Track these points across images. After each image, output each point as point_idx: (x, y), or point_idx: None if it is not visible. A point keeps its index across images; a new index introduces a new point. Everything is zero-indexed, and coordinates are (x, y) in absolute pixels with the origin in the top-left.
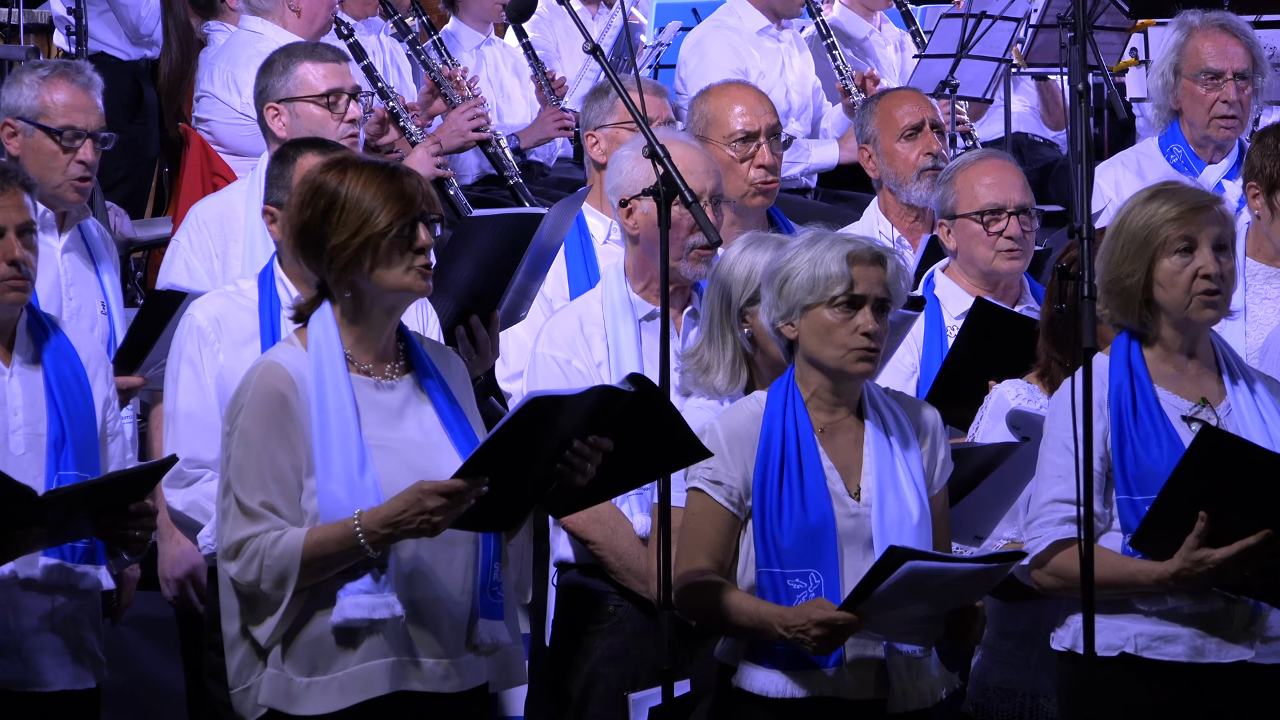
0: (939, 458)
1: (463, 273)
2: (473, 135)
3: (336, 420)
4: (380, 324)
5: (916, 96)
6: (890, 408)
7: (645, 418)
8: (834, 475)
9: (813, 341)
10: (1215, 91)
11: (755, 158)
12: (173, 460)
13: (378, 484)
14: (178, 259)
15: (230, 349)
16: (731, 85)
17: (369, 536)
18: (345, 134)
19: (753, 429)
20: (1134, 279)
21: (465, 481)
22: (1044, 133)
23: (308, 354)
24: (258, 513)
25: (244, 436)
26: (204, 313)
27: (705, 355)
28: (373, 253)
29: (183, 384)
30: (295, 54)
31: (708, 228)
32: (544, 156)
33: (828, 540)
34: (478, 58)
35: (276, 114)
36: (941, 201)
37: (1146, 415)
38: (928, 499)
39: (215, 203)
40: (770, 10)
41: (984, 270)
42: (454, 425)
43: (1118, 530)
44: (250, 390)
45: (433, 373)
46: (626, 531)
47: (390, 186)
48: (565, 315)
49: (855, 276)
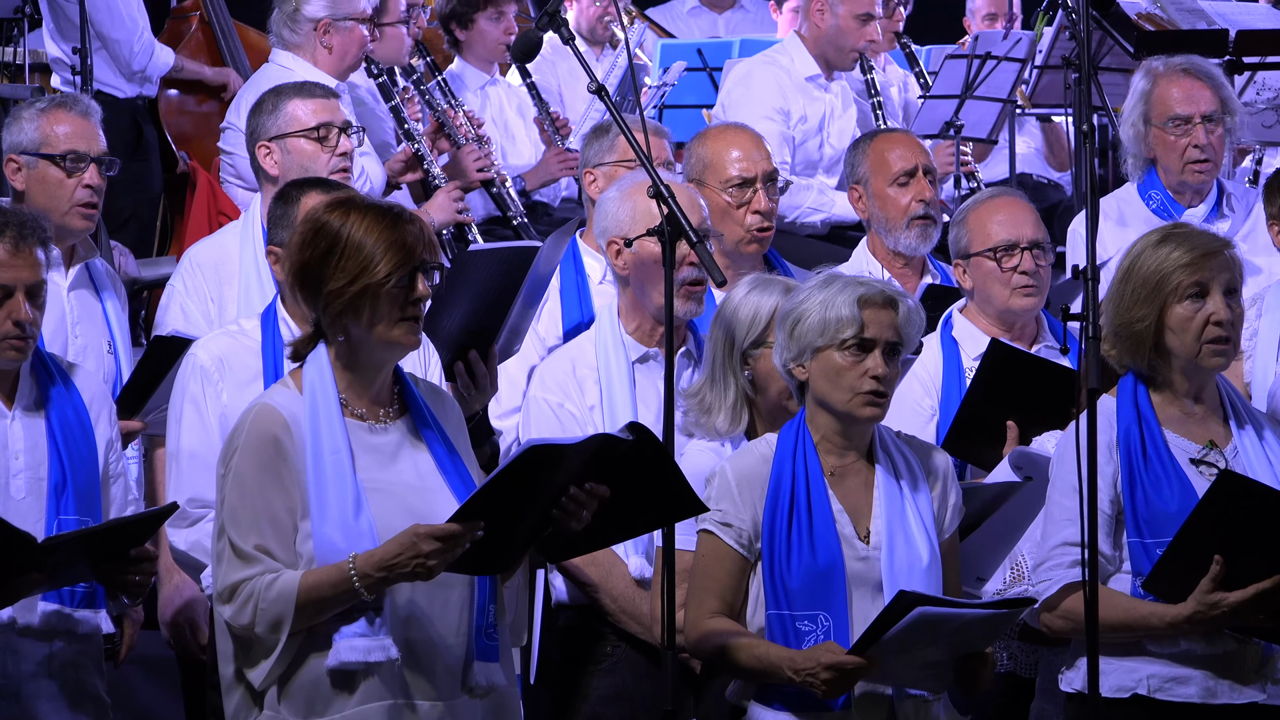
0: (950, 502)
1: (461, 308)
2: (477, 176)
3: (331, 463)
4: (374, 369)
5: (910, 140)
6: (901, 451)
7: (643, 467)
8: (844, 518)
9: (822, 384)
10: (1185, 137)
11: (751, 203)
12: (173, 508)
13: (373, 527)
14: (173, 303)
15: (234, 389)
16: (729, 129)
17: (364, 579)
18: (336, 167)
19: (763, 471)
20: (1144, 324)
21: (461, 526)
22: (1049, 174)
23: (302, 396)
24: (252, 555)
25: (238, 479)
26: (207, 352)
27: (707, 396)
28: (369, 302)
29: (186, 423)
30: (284, 93)
31: (712, 268)
32: (549, 197)
33: (837, 583)
34: (482, 98)
35: (268, 152)
36: (955, 242)
37: (1156, 458)
38: (938, 543)
39: (210, 246)
40: (823, 59)
41: (1000, 309)
42: (449, 469)
43: (1128, 572)
44: (244, 433)
45: (428, 416)
46: (622, 574)
47: (392, 234)
48: (558, 358)
49: (866, 320)
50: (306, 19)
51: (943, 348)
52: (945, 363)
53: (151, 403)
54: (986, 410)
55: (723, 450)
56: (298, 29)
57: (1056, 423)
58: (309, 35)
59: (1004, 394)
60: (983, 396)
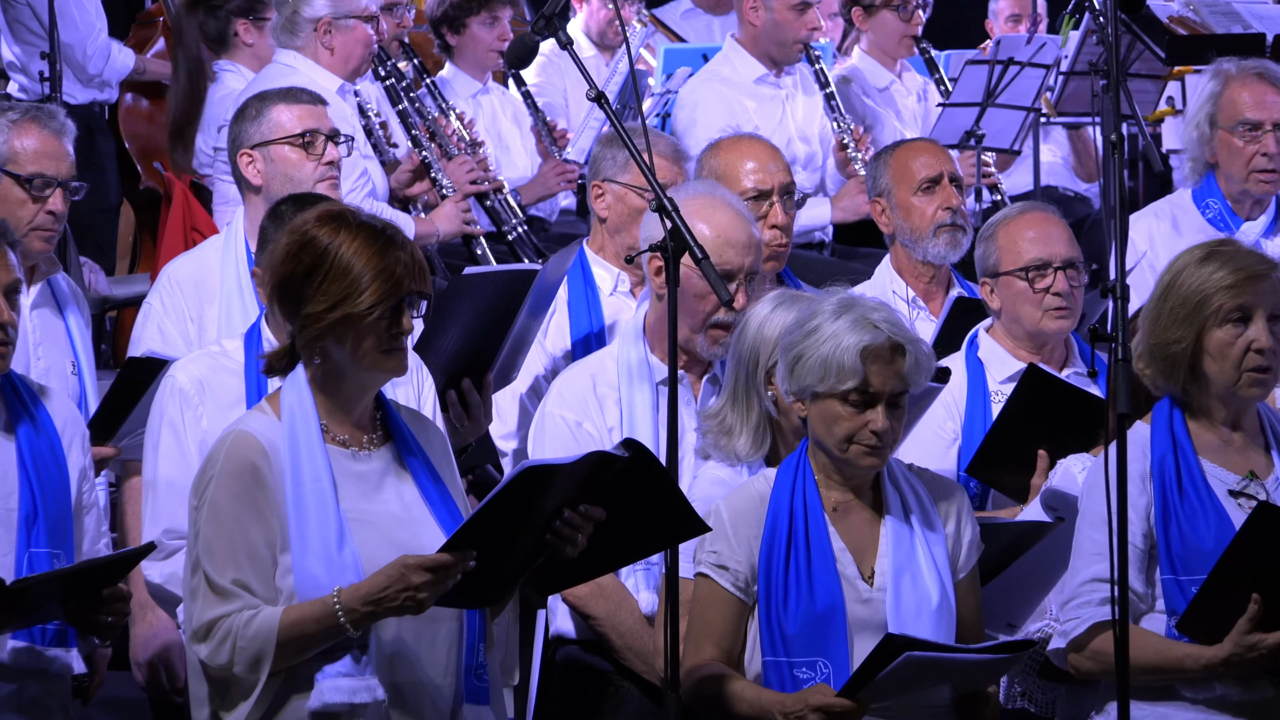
0: (965, 539)
1: (455, 334)
2: (470, 189)
3: (312, 492)
4: (355, 394)
5: (934, 148)
6: (912, 485)
7: (640, 487)
8: (845, 557)
9: (820, 428)
10: (1254, 144)
11: (768, 218)
12: (150, 548)
13: (357, 559)
14: (150, 323)
15: (214, 413)
16: (743, 140)
17: (349, 615)
18: (322, 176)
19: (759, 509)
20: (1181, 346)
21: (452, 556)
22: (1075, 186)
23: (281, 422)
24: (229, 591)
25: (214, 510)
26: (187, 374)
27: (728, 418)
28: (349, 330)
29: (163, 450)
30: (268, 98)
31: (718, 286)
32: (545, 211)
33: (837, 627)
34: (475, 106)
35: (251, 161)
36: (983, 259)
37: (1192, 490)
38: (952, 583)
39: (189, 262)
40: (767, 58)
41: (1030, 330)
42: (435, 498)
43: (1161, 611)
44: (220, 461)
45: (412, 443)
46: (631, 609)
47: (382, 261)
48: (577, 373)
49: (870, 374)
50: (306, 20)
51: (967, 369)
52: (970, 385)
53: (125, 427)
54: (1015, 436)
55: (739, 475)
56: (297, 31)
57: (1086, 448)
58: (309, 37)
59: (1035, 420)
60: (1013, 422)
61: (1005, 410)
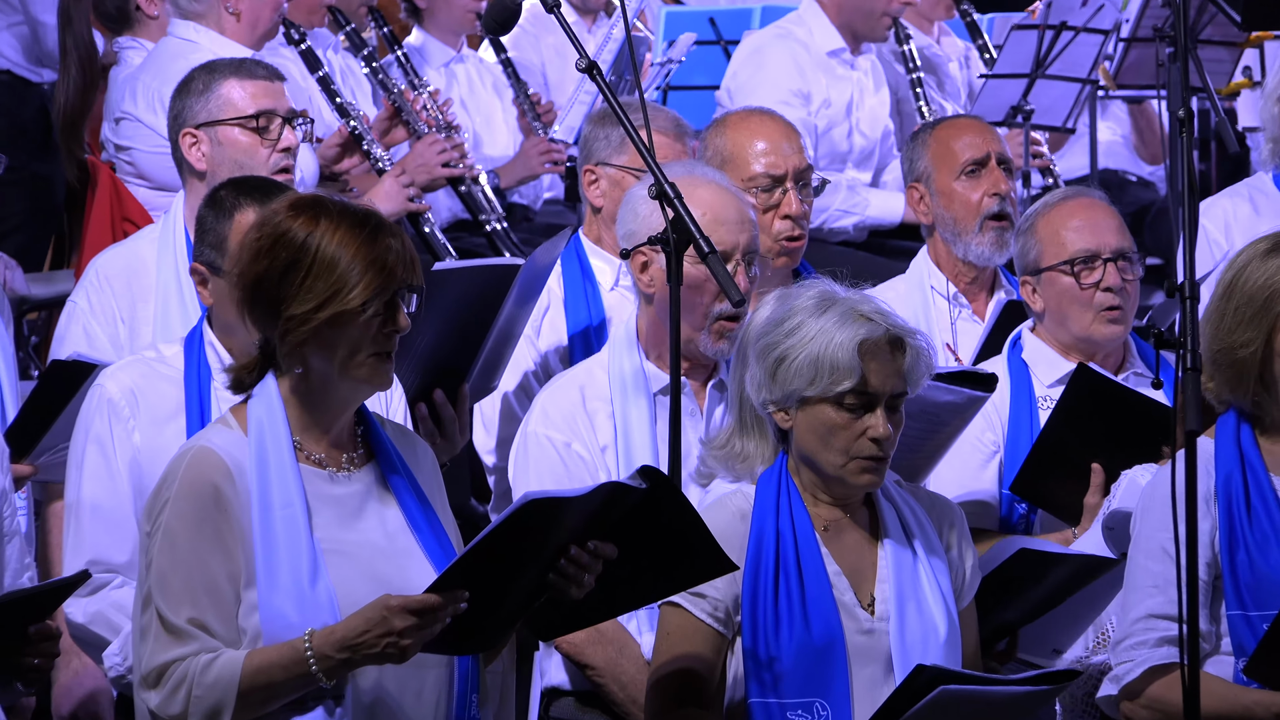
0: (968, 563)
1: (424, 338)
2: (441, 171)
3: (283, 519)
4: (336, 407)
5: (979, 125)
6: (907, 502)
7: (658, 520)
8: (842, 582)
9: (810, 441)
10: None
11: (780, 207)
12: (83, 577)
13: (333, 597)
14: (75, 324)
15: (148, 427)
16: (753, 116)
17: (322, 661)
18: (278, 165)
19: (740, 529)
20: (1249, 350)
21: (441, 597)
22: (1138, 169)
23: (248, 438)
24: (185, 631)
25: (169, 538)
26: (117, 384)
27: (737, 444)
28: (339, 332)
29: (89, 470)
30: (219, 71)
31: (728, 285)
32: (528, 198)
33: (836, 662)
34: (448, 76)
35: (195, 142)
36: (1022, 255)
37: (1264, 513)
38: (957, 613)
39: (120, 255)
40: (849, 30)
41: (1079, 336)
42: (423, 527)
43: (1228, 652)
44: (177, 482)
45: (398, 463)
46: (634, 655)
47: (371, 250)
48: (563, 387)
49: (868, 371)
50: None
51: (1011, 373)
52: (1014, 391)
53: (46, 442)
54: (1065, 448)
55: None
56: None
57: (1150, 459)
58: (212, 3)
59: (1086, 430)
60: (1063, 432)
61: (1054, 417)
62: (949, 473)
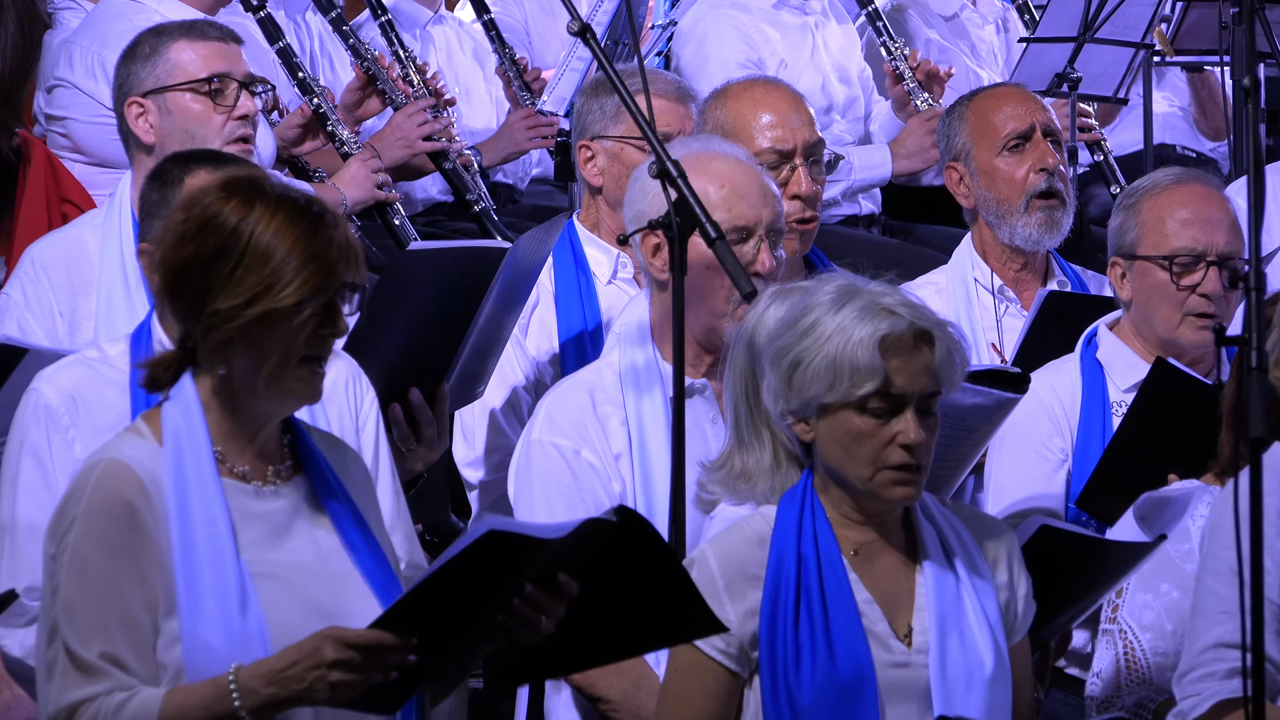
0: (1020, 592)
1: (396, 330)
2: (422, 145)
3: (206, 539)
4: (261, 415)
5: (1022, 94)
6: (950, 521)
7: (631, 563)
8: (873, 611)
9: (835, 452)
10: None
11: (789, 185)
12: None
13: (263, 626)
14: (8, 318)
15: (90, 435)
16: (758, 85)
17: (247, 698)
18: (233, 134)
19: (758, 556)
20: None
21: (389, 637)
22: (1198, 144)
23: (162, 449)
24: (96, 667)
25: (77, 562)
26: (55, 388)
27: (737, 462)
28: (269, 332)
29: (24, 483)
30: (168, 33)
31: (737, 274)
32: (514, 176)
33: (866, 699)
34: (424, 40)
35: (142, 111)
36: (1119, 234)
37: None
38: (1006, 646)
39: (59, 243)
40: None
41: (1163, 337)
42: (359, 546)
43: None
44: (85, 499)
45: (329, 476)
46: (652, 688)
47: (311, 243)
48: (570, 390)
49: (892, 370)
50: None
51: (1083, 374)
52: (1086, 394)
53: None
54: (1140, 455)
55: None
56: None
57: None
58: None
59: (1164, 434)
60: (1137, 439)
61: (1126, 421)
62: (1010, 483)
